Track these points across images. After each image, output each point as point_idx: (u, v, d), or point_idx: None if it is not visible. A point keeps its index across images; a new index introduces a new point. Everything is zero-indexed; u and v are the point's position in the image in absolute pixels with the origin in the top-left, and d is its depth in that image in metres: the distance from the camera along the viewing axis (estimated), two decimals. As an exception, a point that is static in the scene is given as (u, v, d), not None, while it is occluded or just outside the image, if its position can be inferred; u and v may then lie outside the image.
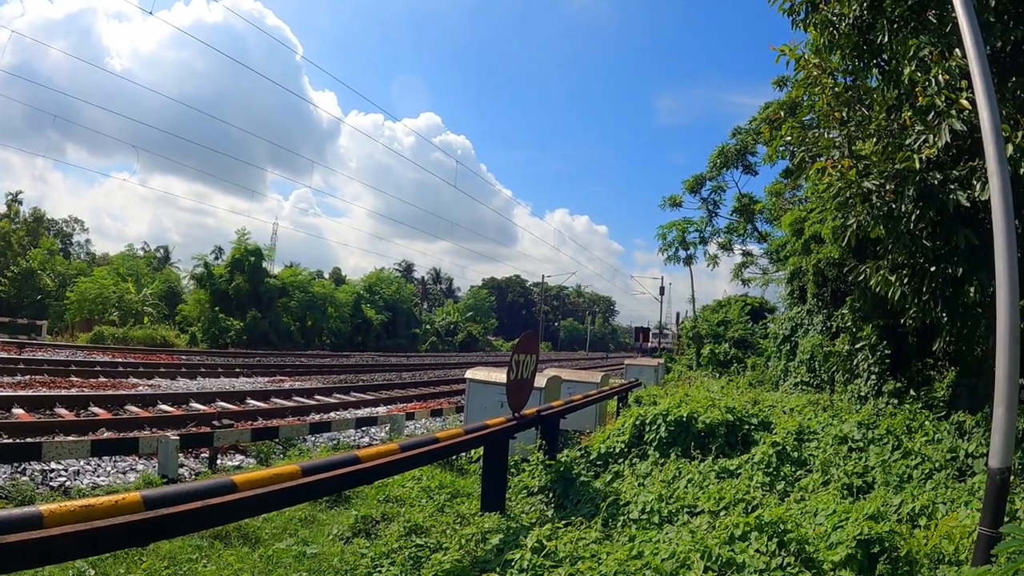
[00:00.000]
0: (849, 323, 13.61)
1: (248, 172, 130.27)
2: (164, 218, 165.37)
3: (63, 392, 16.05)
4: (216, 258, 60.99)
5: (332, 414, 17.05)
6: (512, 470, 8.20)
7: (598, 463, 9.21)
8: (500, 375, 10.62)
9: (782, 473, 7.59)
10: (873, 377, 12.35)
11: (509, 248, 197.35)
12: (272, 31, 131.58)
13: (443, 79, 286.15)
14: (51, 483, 8.92)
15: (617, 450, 9.38)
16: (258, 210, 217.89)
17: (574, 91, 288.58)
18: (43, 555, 2.87)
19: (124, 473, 9.73)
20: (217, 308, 49.03)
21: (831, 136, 9.88)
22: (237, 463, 11.06)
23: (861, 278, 10.29)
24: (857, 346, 13.05)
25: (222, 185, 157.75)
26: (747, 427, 9.43)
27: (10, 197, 68.60)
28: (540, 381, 10.29)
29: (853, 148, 9.28)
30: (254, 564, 5.87)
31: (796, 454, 8.11)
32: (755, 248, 38.41)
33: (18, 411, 12.91)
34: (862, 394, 12.42)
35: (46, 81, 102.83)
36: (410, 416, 16.31)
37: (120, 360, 26.76)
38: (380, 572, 5.45)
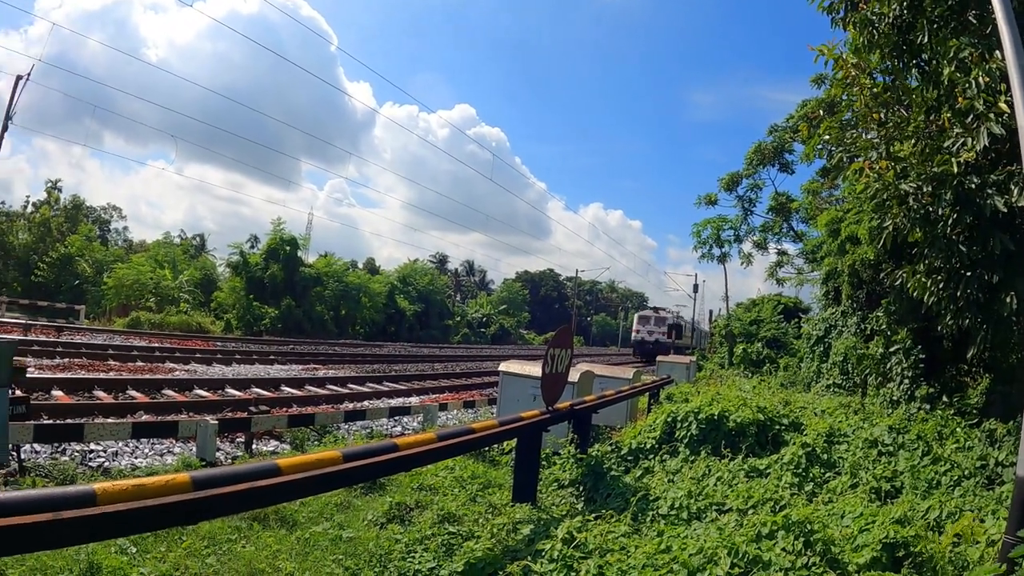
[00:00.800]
0: (884, 326, 13.53)
1: (283, 162, 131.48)
2: (200, 206, 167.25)
3: (101, 375, 16.38)
4: (252, 247, 61.69)
5: (366, 403, 17.24)
6: (543, 463, 8.27)
7: (629, 458, 9.26)
8: (533, 368, 10.72)
9: (811, 474, 7.59)
10: (906, 381, 12.27)
11: (543, 242, 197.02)
12: (306, 22, 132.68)
13: (476, 71, 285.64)
14: (90, 463, 9.19)
15: (648, 446, 9.42)
16: (293, 200, 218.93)
17: (608, 84, 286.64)
18: (96, 531, 2.99)
19: (161, 455, 10.00)
20: (252, 296, 49.60)
21: (869, 137, 9.83)
22: (272, 448, 11.27)
23: (897, 281, 10.24)
24: (891, 350, 12.97)
25: (258, 174, 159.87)
26: (778, 427, 9.43)
27: (49, 184, 70.22)
28: (573, 376, 10.37)
29: (891, 149, 9.24)
30: (291, 546, 6.04)
31: (826, 456, 8.09)
32: (790, 247, 38.07)
33: (57, 393, 13.18)
34: (894, 398, 12.34)
35: (84, 71, 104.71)
36: (443, 407, 16.46)
37: (157, 345, 27.21)
38: (413, 557, 5.58)
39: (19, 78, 36.73)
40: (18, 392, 7.29)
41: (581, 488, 7.88)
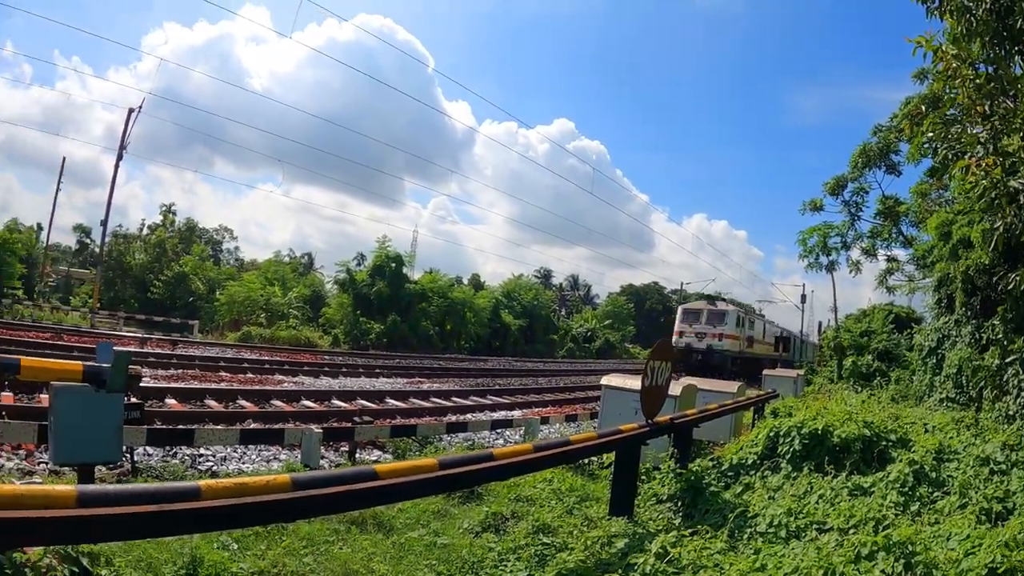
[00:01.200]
0: (1000, 335, 12.90)
1: (386, 181, 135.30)
2: (307, 226, 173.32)
3: (213, 385, 17.08)
4: (358, 264, 63.38)
5: (468, 415, 17.45)
6: (642, 477, 8.23)
7: (729, 474, 9.11)
8: (635, 382, 10.63)
9: (917, 494, 7.25)
10: (1024, 395, 11.69)
11: (647, 254, 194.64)
12: (403, 45, 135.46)
13: (573, 84, 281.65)
14: (199, 467, 9.69)
15: (749, 462, 9.26)
16: (397, 218, 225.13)
17: (706, 91, 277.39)
18: (199, 523, 3.27)
19: (268, 462, 10.40)
20: (359, 312, 51.09)
21: (975, 132, 9.39)
22: (375, 458, 11.56)
23: (1011, 286, 9.81)
24: (1008, 360, 12.34)
25: (362, 194, 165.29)
26: (884, 443, 9.07)
27: (164, 208, 75.32)
28: (675, 389, 10.26)
29: (998, 144, 8.83)
30: (387, 550, 6.21)
31: (934, 474, 7.70)
32: (900, 253, 36.35)
33: (171, 401, 13.83)
34: (1010, 413, 11.70)
35: (191, 102, 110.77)
36: (545, 420, 16.47)
37: (267, 358, 28.30)
38: (506, 566, 5.68)
39: (131, 110, 39.94)
40: (133, 399, 7.74)
41: (679, 503, 7.80)
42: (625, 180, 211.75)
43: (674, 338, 41.45)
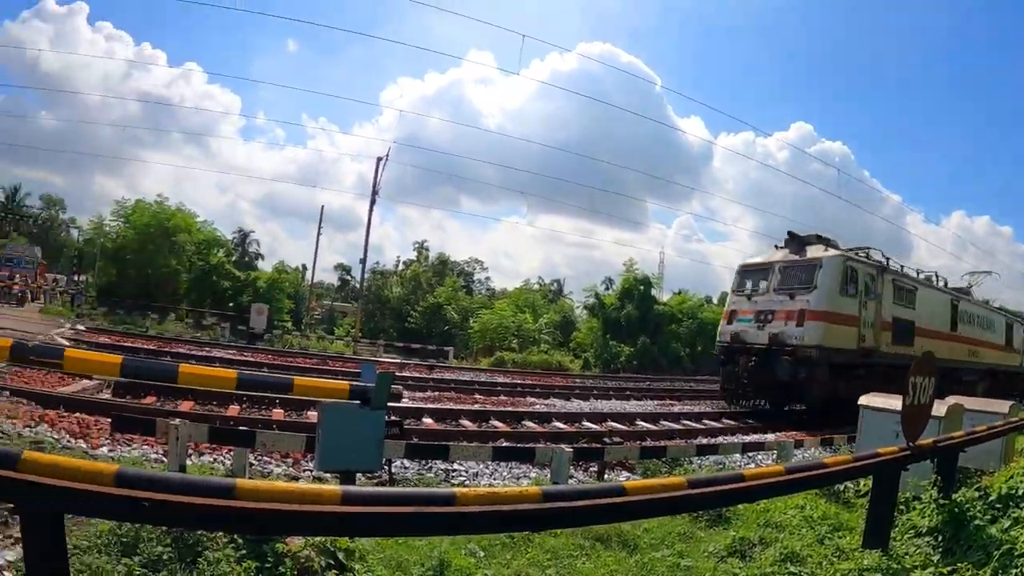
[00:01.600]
0: None
1: (628, 205, 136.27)
2: (554, 254, 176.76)
3: (467, 407, 17.85)
4: (606, 288, 64.42)
5: (719, 438, 17.19)
6: (901, 507, 7.86)
7: (997, 506, 8.40)
8: (896, 402, 10.14)
9: None
10: None
11: (904, 259, 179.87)
12: (627, 68, 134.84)
13: (807, 85, 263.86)
14: (451, 481, 10.39)
15: (1020, 492, 8.56)
16: (642, 240, 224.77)
17: (949, 76, 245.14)
18: (453, 526, 3.58)
19: (518, 479, 10.86)
20: (608, 335, 51.77)
21: None
22: (624, 478, 11.66)
23: None
24: None
25: (605, 219, 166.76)
26: None
27: (417, 245, 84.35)
28: (940, 409, 9.64)
29: None
30: (629, 568, 6.34)
31: None
32: None
33: (427, 420, 14.86)
34: None
35: (432, 146, 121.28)
36: (799, 444, 15.88)
37: (519, 381, 29.09)
38: (748, 592, 5.66)
39: (379, 159, 46.17)
40: (393, 417, 8.48)
41: (939, 537, 7.36)
42: (873, 181, 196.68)
43: (720, 325, 24.61)
